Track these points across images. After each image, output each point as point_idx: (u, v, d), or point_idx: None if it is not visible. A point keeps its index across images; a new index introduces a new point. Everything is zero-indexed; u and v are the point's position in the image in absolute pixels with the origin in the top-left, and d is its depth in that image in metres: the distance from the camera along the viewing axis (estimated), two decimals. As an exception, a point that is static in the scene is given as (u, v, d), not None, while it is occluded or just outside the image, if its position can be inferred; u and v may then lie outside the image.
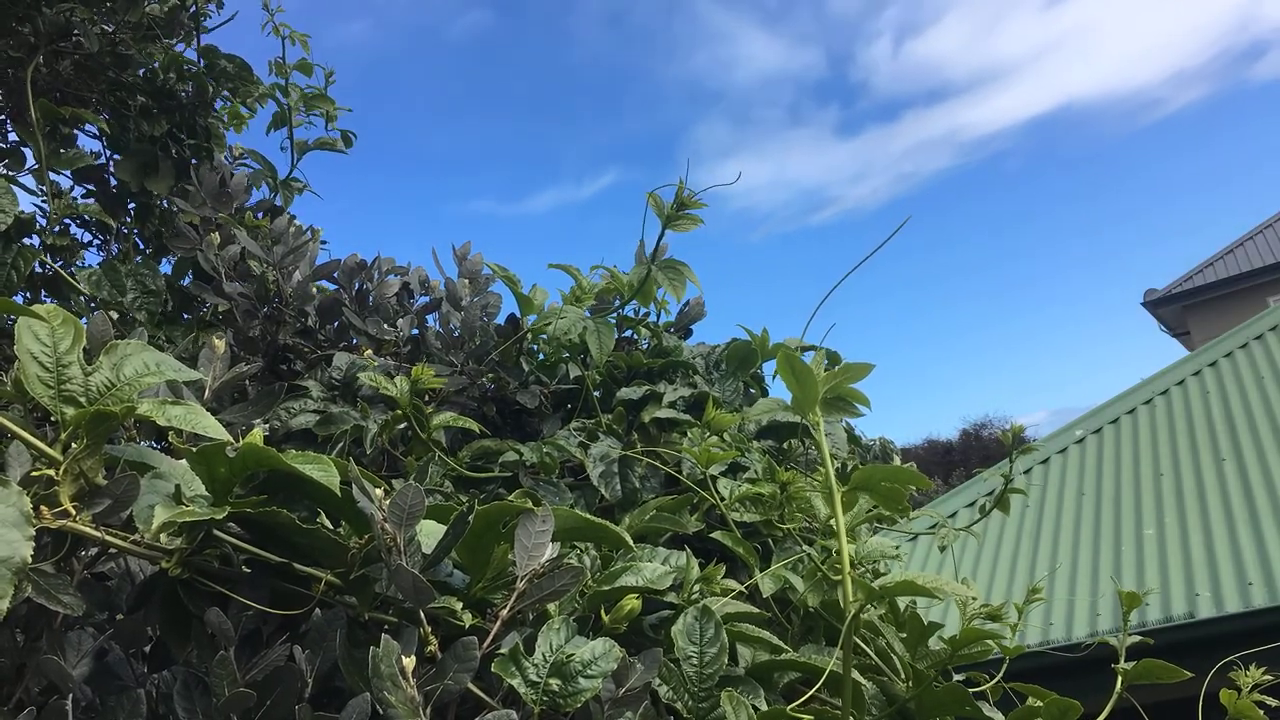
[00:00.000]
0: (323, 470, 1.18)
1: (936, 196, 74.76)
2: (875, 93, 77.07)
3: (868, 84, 77.46)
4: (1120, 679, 1.71)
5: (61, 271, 2.42)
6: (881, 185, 77.25)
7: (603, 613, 1.40)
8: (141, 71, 2.77)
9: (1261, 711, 1.62)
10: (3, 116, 2.75)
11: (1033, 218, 70.81)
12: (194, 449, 1.16)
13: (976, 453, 28.60)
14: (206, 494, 1.19)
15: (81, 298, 2.38)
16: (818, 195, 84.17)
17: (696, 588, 1.56)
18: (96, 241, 2.76)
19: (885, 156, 77.48)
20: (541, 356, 2.58)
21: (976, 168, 73.94)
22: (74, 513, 1.07)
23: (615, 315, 2.42)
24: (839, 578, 1.38)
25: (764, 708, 1.36)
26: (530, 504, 1.31)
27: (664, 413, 2.19)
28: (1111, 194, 70.06)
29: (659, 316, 2.63)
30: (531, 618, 1.32)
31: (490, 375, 2.38)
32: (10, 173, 2.41)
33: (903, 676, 1.63)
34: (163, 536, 1.16)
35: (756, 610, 1.58)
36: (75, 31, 2.62)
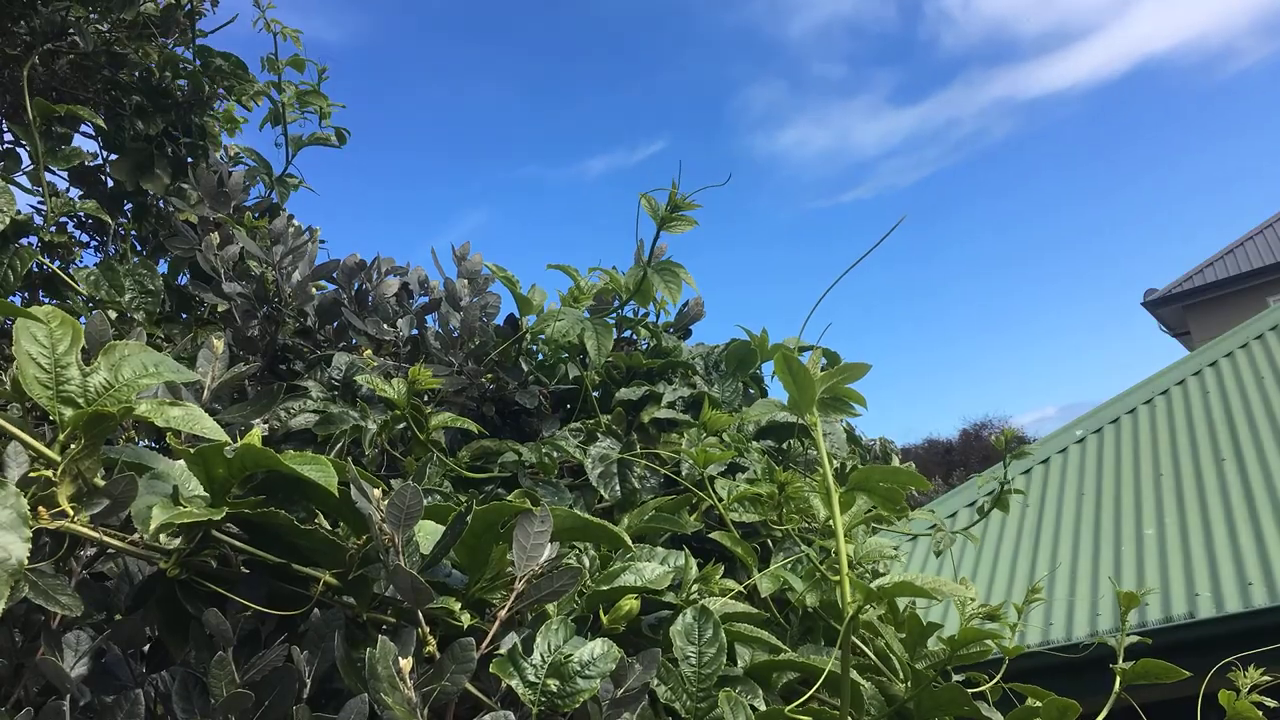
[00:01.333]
0: (320, 471, 1.17)
1: (978, 173, 70.62)
2: (941, 51, 71.40)
3: (936, 40, 71.21)
4: (1119, 679, 1.71)
5: (59, 271, 2.42)
6: (929, 158, 72.50)
7: (601, 613, 1.40)
8: (137, 71, 2.77)
9: (1260, 712, 1.62)
10: None
11: (1077, 197, 67.21)
12: (192, 449, 1.16)
13: (976, 453, 28.56)
14: (204, 494, 1.19)
15: (80, 297, 2.38)
16: (862, 169, 78.41)
17: (695, 588, 1.56)
18: (94, 243, 2.76)
19: (939, 124, 72.20)
20: (541, 357, 2.58)
21: (1033, 137, 68.83)
22: (72, 513, 1.07)
23: (614, 316, 2.42)
24: (837, 578, 1.38)
25: (762, 708, 1.37)
26: (529, 504, 1.31)
27: (663, 413, 2.19)
28: (1160, 170, 66.22)
29: (658, 317, 2.64)
30: (530, 618, 1.32)
31: (489, 376, 2.38)
32: (7, 174, 2.41)
33: (901, 677, 1.63)
34: (161, 537, 1.16)
35: (755, 610, 1.58)
36: (70, 30, 2.62)
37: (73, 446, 1.10)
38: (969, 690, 1.57)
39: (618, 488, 2.01)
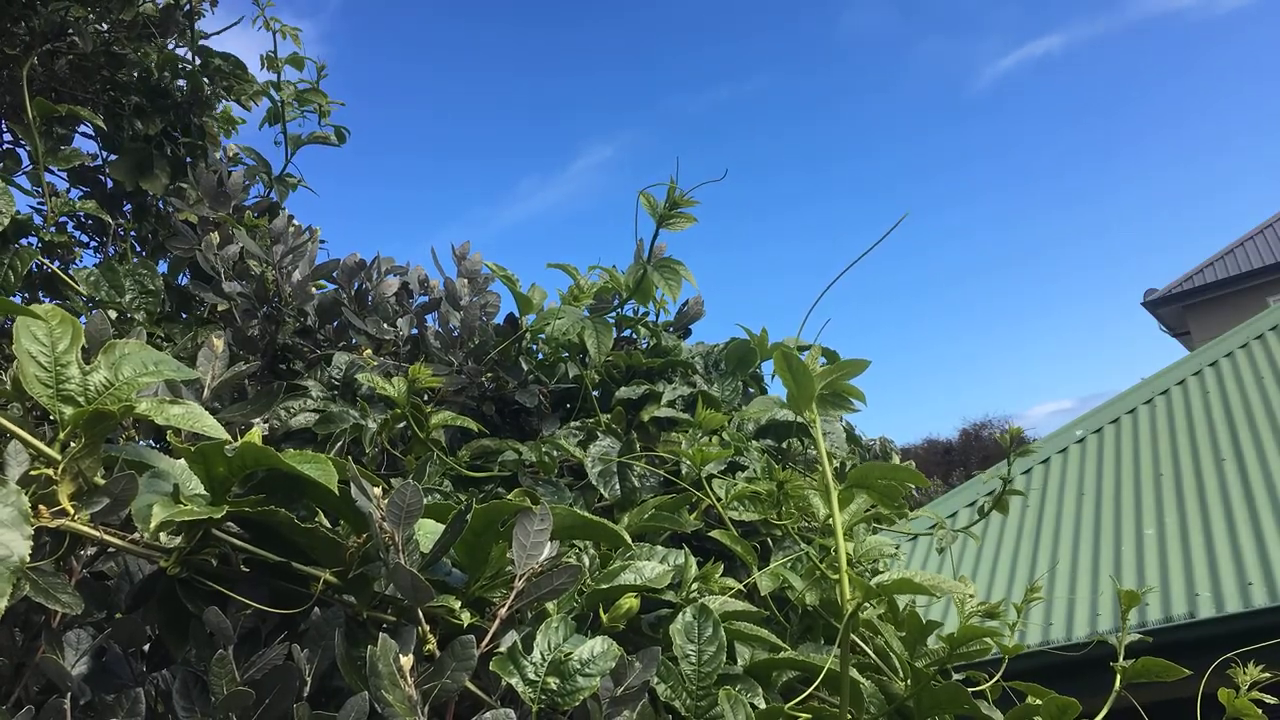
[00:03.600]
0: (321, 469, 1.18)
1: (1059, 126, 65.23)
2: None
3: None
4: (1119, 677, 1.71)
5: (59, 271, 2.42)
6: (1015, 105, 66.42)
7: (601, 611, 1.40)
8: (136, 71, 2.77)
9: (1260, 710, 1.62)
10: (-1, 117, 2.76)
11: (1100, 182, 63.36)
12: (192, 448, 1.16)
13: (976, 453, 28.58)
14: (205, 493, 1.19)
15: (80, 297, 2.38)
16: (951, 111, 71.88)
17: (695, 586, 1.56)
18: (93, 243, 2.76)
19: (1057, 55, 64.89)
20: (540, 356, 2.58)
21: (1137, 68, 62.92)
22: (72, 512, 1.07)
23: (614, 315, 2.42)
24: (837, 576, 1.38)
25: (762, 706, 1.37)
26: (529, 503, 1.31)
27: (663, 412, 2.19)
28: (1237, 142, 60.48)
29: (658, 315, 2.64)
30: (530, 616, 1.32)
31: (489, 375, 2.38)
32: (7, 174, 2.41)
33: (901, 675, 1.63)
34: (161, 535, 1.16)
35: (755, 609, 1.58)
36: (70, 31, 2.62)
37: (73, 445, 1.10)
38: (969, 689, 1.57)
39: (617, 486, 2.01)
